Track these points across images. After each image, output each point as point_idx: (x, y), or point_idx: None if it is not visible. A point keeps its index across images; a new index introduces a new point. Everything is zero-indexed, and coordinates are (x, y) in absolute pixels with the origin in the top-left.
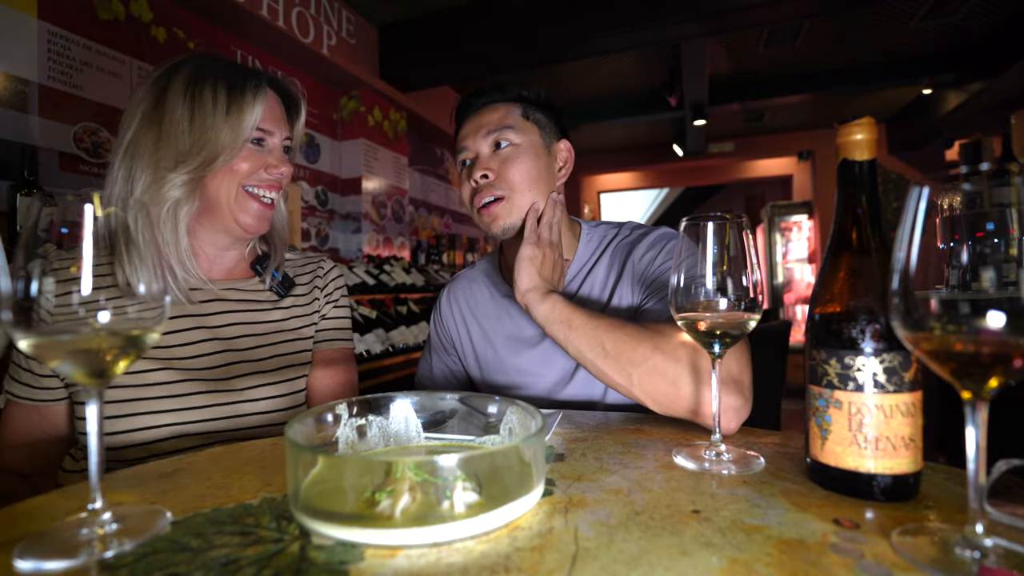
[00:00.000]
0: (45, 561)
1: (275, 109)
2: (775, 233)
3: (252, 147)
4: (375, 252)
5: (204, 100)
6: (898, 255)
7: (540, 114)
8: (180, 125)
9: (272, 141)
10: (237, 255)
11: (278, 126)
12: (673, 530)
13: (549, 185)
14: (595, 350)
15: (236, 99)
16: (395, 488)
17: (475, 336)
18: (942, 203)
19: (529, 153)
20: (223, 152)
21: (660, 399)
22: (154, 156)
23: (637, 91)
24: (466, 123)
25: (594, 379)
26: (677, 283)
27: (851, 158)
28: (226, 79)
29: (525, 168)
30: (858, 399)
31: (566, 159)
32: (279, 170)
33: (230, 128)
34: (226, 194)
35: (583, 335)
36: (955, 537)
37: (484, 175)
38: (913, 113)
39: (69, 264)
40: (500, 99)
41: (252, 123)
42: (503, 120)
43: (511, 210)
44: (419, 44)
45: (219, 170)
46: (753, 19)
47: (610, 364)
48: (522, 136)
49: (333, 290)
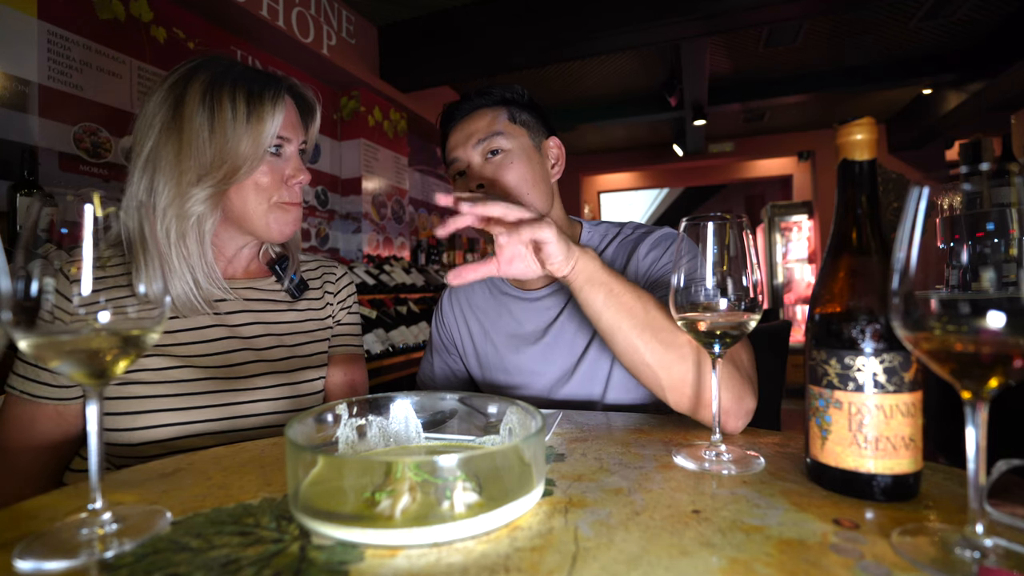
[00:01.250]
0: (45, 561)
1: (292, 115)
2: (775, 233)
3: (271, 156)
4: (375, 252)
5: (224, 109)
6: (898, 255)
7: (526, 115)
8: (200, 136)
9: (289, 148)
10: (252, 253)
11: (295, 132)
12: (673, 530)
13: (546, 185)
14: (623, 318)
15: (256, 107)
16: (395, 488)
17: (476, 334)
18: (942, 203)
19: (521, 157)
20: (245, 164)
21: (675, 382)
22: (176, 169)
23: (637, 91)
24: (454, 132)
25: (594, 377)
26: (677, 283)
27: (851, 158)
28: (245, 86)
29: (519, 173)
30: (858, 399)
31: (557, 156)
32: (297, 179)
33: (251, 138)
34: (254, 207)
35: (624, 304)
36: (955, 537)
37: (480, 185)
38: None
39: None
40: (484, 103)
41: (272, 132)
42: (491, 127)
43: None
44: (419, 44)
45: (242, 181)
46: (753, 19)
47: (646, 338)
48: (512, 140)
49: (346, 296)
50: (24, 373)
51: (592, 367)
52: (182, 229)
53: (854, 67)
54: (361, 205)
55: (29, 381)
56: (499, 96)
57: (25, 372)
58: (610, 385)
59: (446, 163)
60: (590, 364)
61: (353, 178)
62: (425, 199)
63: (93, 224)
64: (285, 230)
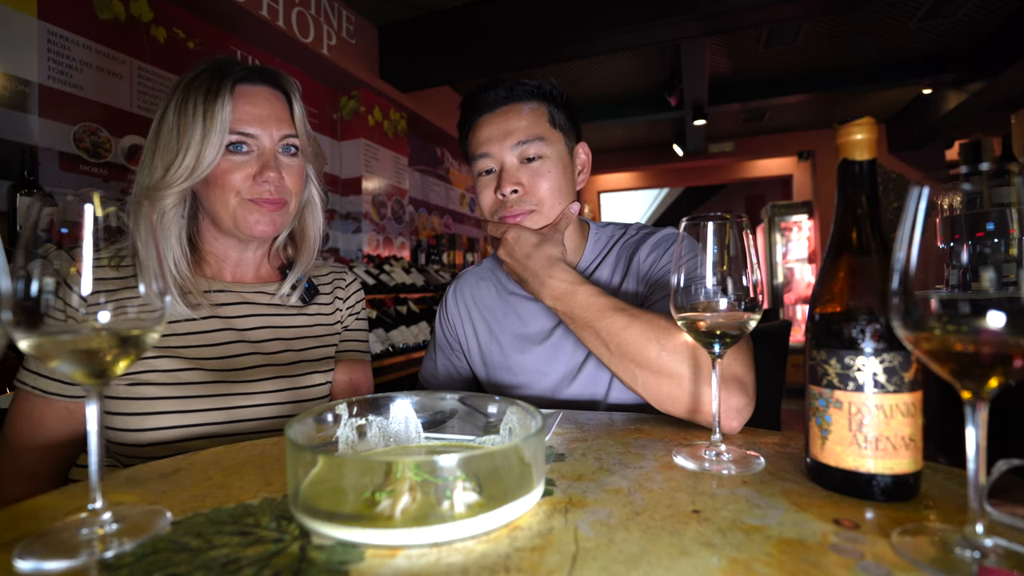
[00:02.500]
0: (45, 561)
1: (261, 108)
2: (775, 233)
3: (230, 154)
4: (375, 252)
5: (187, 108)
6: (898, 255)
7: (563, 116)
8: (171, 136)
9: (259, 145)
10: (259, 256)
11: (263, 127)
12: (673, 530)
13: (571, 191)
14: (600, 349)
15: (210, 104)
16: (395, 488)
17: (480, 333)
18: (942, 203)
19: (558, 166)
20: (204, 160)
21: (663, 400)
22: (151, 169)
23: (637, 91)
24: (485, 123)
25: (597, 378)
26: (677, 283)
27: (851, 158)
28: (207, 84)
29: (556, 182)
30: (858, 399)
31: (584, 163)
32: (263, 176)
33: (203, 135)
34: (221, 204)
35: (593, 333)
36: (955, 537)
37: (515, 190)
38: (913, 113)
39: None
40: (522, 95)
41: (221, 128)
42: (531, 130)
43: (540, 223)
44: (419, 44)
45: (205, 180)
46: (753, 19)
47: (615, 363)
48: (551, 147)
49: (355, 303)
50: (36, 369)
51: (596, 368)
52: (159, 224)
53: (854, 67)
54: (361, 205)
55: (41, 377)
56: (538, 89)
57: (36, 368)
58: (613, 385)
59: (470, 155)
60: (595, 365)
61: (353, 178)
62: (425, 199)
63: (93, 224)
64: (255, 228)
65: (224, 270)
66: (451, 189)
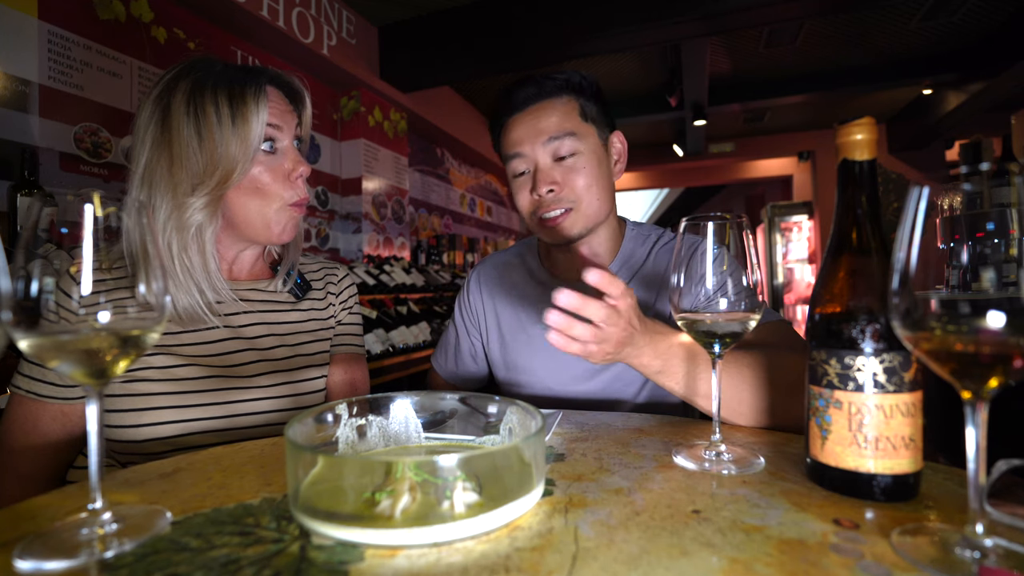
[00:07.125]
0: (45, 561)
1: (280, 105)
2: (775, 233)
3: (264, 154)
4: (375, 252)
5: (208, 114)
6: (898, 255)
7: (594, 108)
8: (190, 146)
9: (283, 142)
10: (255, 254)
11: (285, 122)
12: (673, 530)
13: (610, 184)
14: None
15: (239, 107)
16: (395, 488)
17: (503, 317)
18: (942, 203)
19: (592, 160)
20: (237, 166)
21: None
22: (170, 182)
23: (637, 91)
24: (517, 122)
25: (628, 376)
26: (677, 283)
27: (851, 158)
28: (225, 87)
29: (591, 177)
30: (858, 399)
31: (620, 152)
32: (298, 171)
33: (239, 140)
34: (258, 211)
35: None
36: (955, 537)
37: (550, 190)
38: (913, 113)
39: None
40: (552, 90)
41: (259, 129)
42: (562, 126)
43: (578, 220)
44: (419, 44)
45: (239, 184)
46: (753, 19)
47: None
48: (583, 142)
49: (348, 297)
50: (30, 373)
51: (626, 367)
52: (183, 241)
53: (854, 67)
54: (361, 205)
55: (35, 381)
56: (567, 82)
57: (31, 372)
58: (647, 385)
59: (503, 155)
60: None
61: (353, 178)
62: (425, 199)
63: (93, 224)
64: (282, 236)
65: (220, 268)
66: (451, 189)
